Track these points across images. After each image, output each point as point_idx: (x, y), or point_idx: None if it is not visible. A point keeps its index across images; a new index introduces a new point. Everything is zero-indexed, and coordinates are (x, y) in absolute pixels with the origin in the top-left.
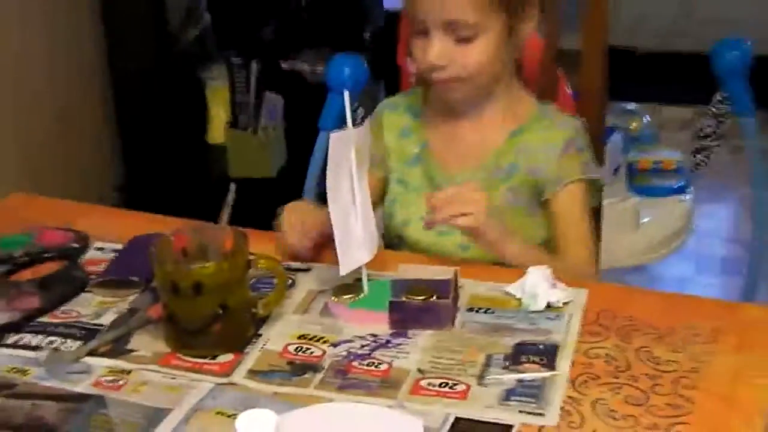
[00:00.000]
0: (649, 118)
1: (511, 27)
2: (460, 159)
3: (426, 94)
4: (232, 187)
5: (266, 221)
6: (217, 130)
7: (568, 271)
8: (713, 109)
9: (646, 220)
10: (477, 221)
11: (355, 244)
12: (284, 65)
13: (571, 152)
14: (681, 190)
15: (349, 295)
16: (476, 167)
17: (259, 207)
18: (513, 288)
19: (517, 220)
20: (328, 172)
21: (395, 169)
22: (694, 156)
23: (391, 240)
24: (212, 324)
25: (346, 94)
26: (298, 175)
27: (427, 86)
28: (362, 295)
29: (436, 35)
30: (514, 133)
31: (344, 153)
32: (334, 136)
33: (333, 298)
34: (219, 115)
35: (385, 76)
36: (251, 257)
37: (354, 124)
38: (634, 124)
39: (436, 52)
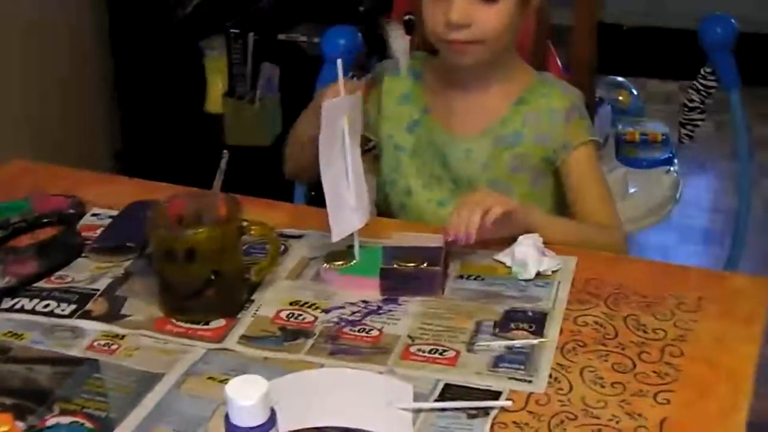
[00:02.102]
0: (636, 92)
1: None
2: (463, 124)
3: (427, 60)
4: (225, 154)
5: (261, 188)
6: (215, 100)
7: (604, 238)
8: (699, 83)
9: (633, 190)
10: (507, 205)
11: (348, 211)
12: (281, 37)
13: (575, 117)
14: (667, 162)
15: (341, 262)
16: (480, 132)
17: (255, 174)
18: (503, 256)
19: (523, 190)
20: (320, 140)
21: (392, 134)
22: (681, 129)
23: (393, 208)
24: (205, 289)
25: (339, 62)
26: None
27: (431, 52)
28: (354, 261)
29: None
30: (517, 101)
31: (336, 121)
32: (327, 104)
33: (324, 264)
34: (217, 84)
35: (380, 49)
36: (244, 224)
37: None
38: (622, 97)
39: (460, 9)
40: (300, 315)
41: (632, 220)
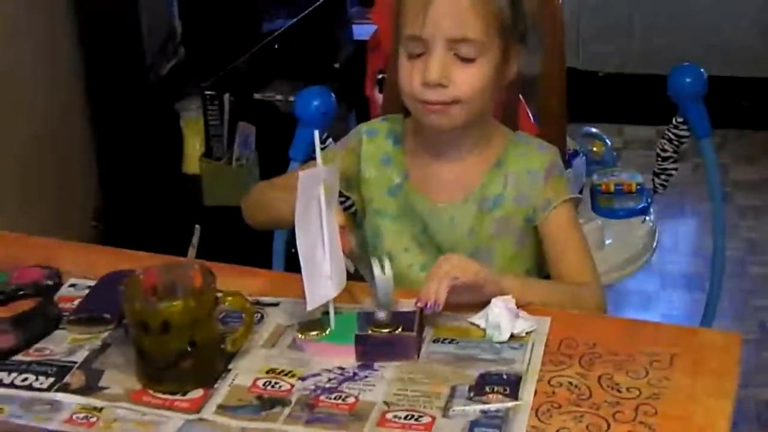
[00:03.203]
0: (610, 141)
1: (506, 56)
2: (444, 191)
3: (406, 124)
4: (197, 229)
5: (240, 248)
6: (192, 161)
7: (581, 298)
8: (671, 133)
9: (609, 241)
10: (477, 275)
11: (323, 279)
12: (256, 96)
13: (555, 175)
14: (643, 211)
15: (315, 332)
16: (462, 200)
17: (234, 234)
18: (477, 318)
19: (506, 254)
20: (297, 209)
21: (374, 199)
22: (654, 179)
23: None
24: (181, 360)
25: (316, 133)
26: None
27: (407, 115)
28: (328, 330)
29: (438, 53)
30: (495, 164)
31: (313, 190)
32: (303, 175)
33: (299, 335)
34: (194, 145)
35: (357, 105)
36: (219, 294)
37: (323, 161)
38: (596, 148)
39: (438, 68)
40: (277, 383)
41: (609, 270)
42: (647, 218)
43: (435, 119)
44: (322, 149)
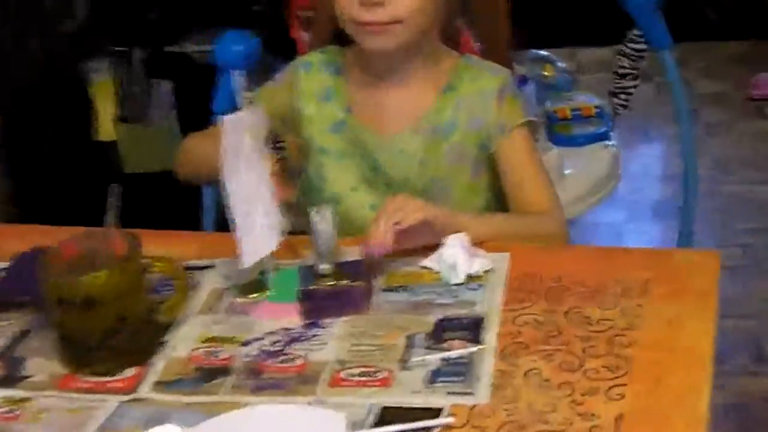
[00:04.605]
0: (563, 64)
1: None
2: (392, 121)
3: (346, 53)
4: (114, 188)
5: (166, 217)
6: (106, 127)
7: (541, 228)
8: (627, 48)
9: (569, 171)
10: (427, 211)
11: (257, 233)
12: (170, 49)
13: (508, 96)
14: (604, 136)
15: (255, 293)
16: (412, 128)
17: (158, 202)
18: (430, 261)
19: (463, 185)
20: (223, 160)
21: (316, 137)
22: (613, 99)
23: None
24: (110, 338)
25: (235, 73)
26: None
27: (345, 44)
28: (269, 290)
29: None
30: (445, 89)
31: (239, 137)
32: (226, 121)
33: (237, 298)
34: (106, 110)
35: (284, 51)
36: (146, 261)
37: (248, 104)
38: (547, 72)
39: None
40: (217, 351)
41: (572, 202)
42: (609, 143)
43: (375, 41)
44: (249, 99)
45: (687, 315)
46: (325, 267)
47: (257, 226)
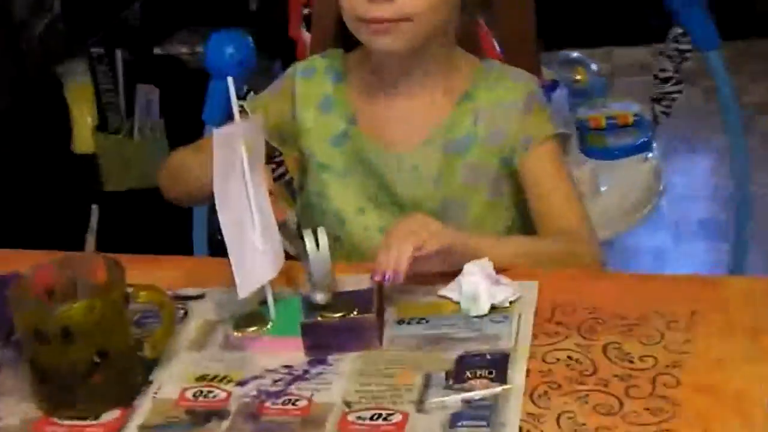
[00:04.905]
0: (596, 67)
1: None
2: (400, 135)
3: (349, 58)
4: (95, 209)
5: (151, 240)
6: (84, 137)
7: (572, 252)
8: (670, 48)
9: (605, 187)
10: (443, 239)
11: (255, 259)
12: (156, 51)
13: (535, 107)
14: (644, 147)
15: (254, 328)
16: (423, 143)
17: (142, 224)
18: (448, 290)
19: (481, 204)
20: (215, 177)
21: (315, 151)
22: (654, 106)
23: None
24: (90, 375)
25: (230, 80)
26: None
27: (349, 48)
28: (269, 324)
29: None
30: (462, 97)
31: (233, 151)
32: (218, 134)
33: (234, 332)
34: (84, 118)
35: (281, 52)
36: (129, 290)
37: (242, 114)
38: (579, 76)
39: None
40: (210, 392)
41: (608, 222)
42: (650, 155)
43: (384, 41)
44: (243, 100)
45: (740, 353)
46: (320, 296)
47: (255, 250)
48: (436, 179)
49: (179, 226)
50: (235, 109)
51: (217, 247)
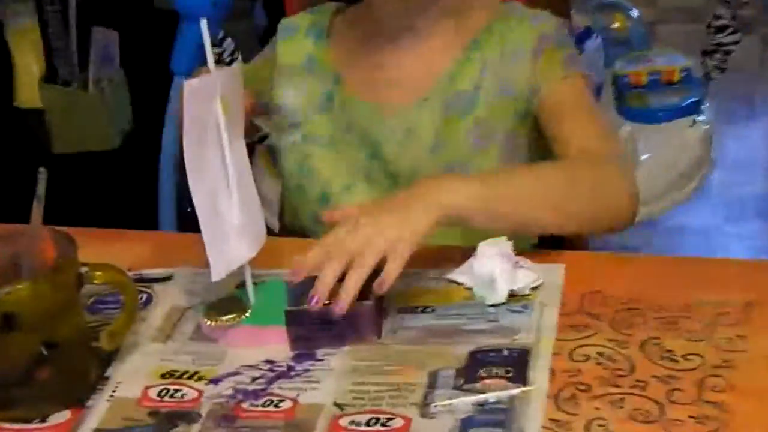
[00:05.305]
0: (637, 12)
1: None
2: (395, 93)
3: (337, 14)
4: (42, 174)
5: (109, 213)
6: (28, 89)
7: (602, 180)
8: None
9: (646, 156)
10: (407, 247)
11: (232, 236)
12: None
13: (548, 47)
14: (692, 109)
15: (230, 316)
16: (418, 102)
17: (98, 193)
18: (459, 274)
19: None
20: (185, 139)
21: (296, 120)
22: (707, 59)
23: (305, 223)
24: (35, 370)
25: (203, 23)
26: (149, 143)
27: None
28: (248, 311)
29: None
30: (470, 46)
31: (206, 108)
32: (189, 86)
33: (206, 321)
34: (28, 66)
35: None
36: (83, 270)
37: (219, 62)
38: (617, 23)
39: None
40: (178, 391)
41: (650, 198)
42: (699, 119)
43: None
44: (219, 54)
45: None
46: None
47: (232, 225)
48: (435, 145)
49: (142, 195)
50: (210, 57)
51: (187, 221)
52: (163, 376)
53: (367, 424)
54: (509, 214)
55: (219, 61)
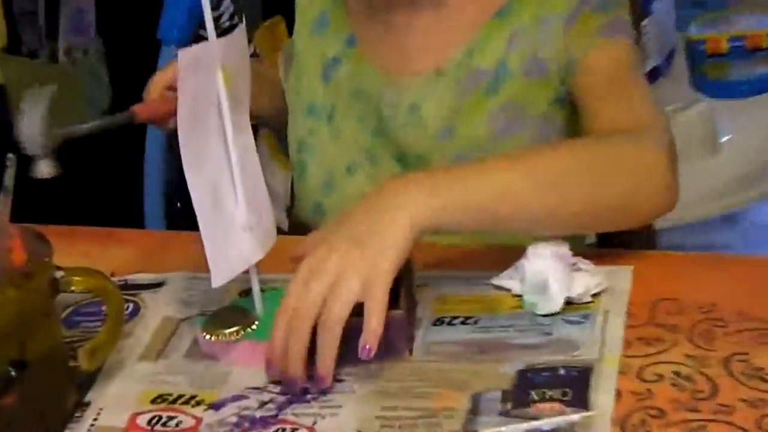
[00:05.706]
0: None
1: None
2: (408, 58)
3: None
4: (11, 160)
5: (87, 208)
6: None
7: (629, 154)
8: None
9: (726, 138)
10: (382, 298)
11: (236, 236)
12: None
13: (584, 13)
14: None
15: (233, 329)
16: (430, 74)
17: (74, 184)
18: (506, 278)
19: None
20: (179, 122)
21: (301, 88)
22: None
23: (308, 215)
24: (2, 395)
25: None
26: (132, 125)
27: None
28: (254, 324)
29: None
30: (498, 13)
31: (205, 83)
32: (185, 56)
33: (205, 335)
34: None
35: None
36: (59, 275)
37: (219, 28)
38: None
39: None
40: (172, 418)
41: (730, 188)
42: None
43: None
44: (217, 19)
45: None
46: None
47: (236, 224)
48: (445, 129)
49: (126, 187)
50: (209, 22)
51: (178, 218)
52: (153, 400)
53: None
54: (508, 217)
55: (216, 27)
